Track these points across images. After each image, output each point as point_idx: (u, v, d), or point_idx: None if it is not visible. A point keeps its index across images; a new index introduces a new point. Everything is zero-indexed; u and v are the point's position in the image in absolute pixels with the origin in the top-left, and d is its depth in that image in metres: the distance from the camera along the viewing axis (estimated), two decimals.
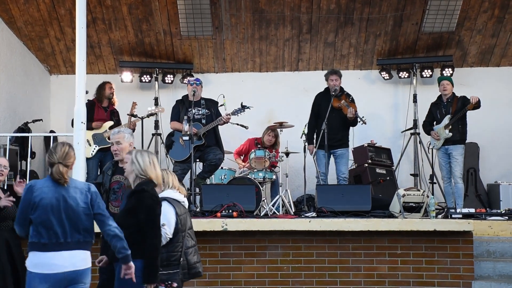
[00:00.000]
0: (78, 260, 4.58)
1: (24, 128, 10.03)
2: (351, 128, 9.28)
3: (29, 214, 4.55)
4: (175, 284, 5.12)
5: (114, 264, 4.90)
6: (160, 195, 5.27)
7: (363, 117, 8.86)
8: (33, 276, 4.52)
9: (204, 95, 8.86)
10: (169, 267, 5.11)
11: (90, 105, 9.23)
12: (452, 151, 8.93)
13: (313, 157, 9.11)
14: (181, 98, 9.01)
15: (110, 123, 9.23)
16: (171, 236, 5.14)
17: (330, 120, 8.82)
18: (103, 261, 4.96)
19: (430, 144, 9.49)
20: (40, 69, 11.25)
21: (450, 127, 8.87)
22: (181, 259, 5.24)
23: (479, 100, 8.74)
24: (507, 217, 8.27)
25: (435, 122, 9.21)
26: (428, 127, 9.29)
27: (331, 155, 9.10)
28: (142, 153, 5.08)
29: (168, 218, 5.13)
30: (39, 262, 4.52)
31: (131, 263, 4.64)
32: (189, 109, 8.52)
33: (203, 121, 8.60)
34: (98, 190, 5.01)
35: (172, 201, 5.27)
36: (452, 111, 8.95)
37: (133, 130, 9.06)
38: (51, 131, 10.70)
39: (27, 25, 10.30)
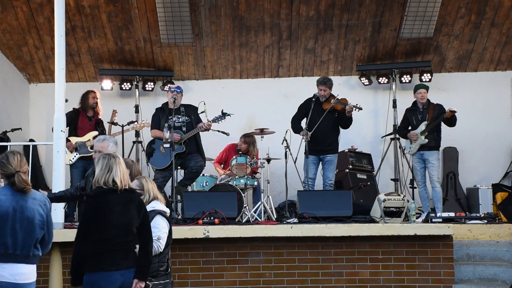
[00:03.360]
0: (20, 273, 4.47)
1: (3, 137, 9.96)
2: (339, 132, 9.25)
3: None
4: None
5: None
6: (150, 207, 5.29)
7: (357, 104, 8.86)
8: None
9: (185, 102, 8.85)
10: (160, 278, 5.17)
11: (75, 114, 9.19)
12: (428, 157, 9.03)
13: (296, 161, 9.07)
14: (161, 106, 9.01)
15: (95, 133, 9.15)
16: (162, 250, 5.19)
17: (321, 125, 8.84)
18: None
19: (405, 149, 9.58)
20: (19, 78, 11.17)
21: (427, 133, 8.96)
22: (169, 269, 5.30)
23: (454, 115, 8.86)
24: (486, 221, 8.35)
25: (410, 128, 9.28)
26: (403, 131, 9.37)
27: (320, 161, 9.11)
28: (100, 160, 4.97)
29: (163, 232, 5.20)
30: None
31: None
32: (170, 117, 8.52)
33: (184, 129, 8.60)
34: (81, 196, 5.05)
35: (165, 215, 5.33)
36: (429, 117, 9.04)
37: None
38: (31, 140, 10.64)
39: (5, 33, 10.24)
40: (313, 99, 9.04)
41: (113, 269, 4.73)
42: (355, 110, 8.85)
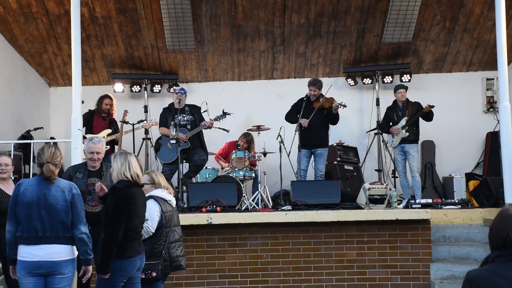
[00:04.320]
0: (55, 252, 4.54)
1: (27, 135, 9.98)
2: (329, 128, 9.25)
3: (15, 210, 4.57)
4: (154, 274, 5.11)
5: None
6: (149, 194, 5.27)
7: (342, 102, 8.87)
8: (17, 263, 4.58)
9: (189, 103, 8.87)
10: (151, 258, 5.10)
11: (90, 114, 9.22)
12: (409, 149, 9.06)
13: (289, 155, 9.10)
14: (167, 106, 9.02)
15: (108, 130, 9.18)
16: (153, 231, 5.15)
17: (312, 122, 8.87)
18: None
19: (387, 142, 9.62)
20: (40, 82, 11.18)
21: (407, 127, 8.99)
22: (163, 252, 5.23)
23: (431, 110, 8.88)
24: (460, 206, 8.40)
25: (391, 124, 9.31)
26: (386, 127, 9.40)
27: (311, 154, 9.12)
28: (117, 156, 4.97)
29: (151, 214, 5.13)
30: (20, 251, 4.56)
31: (90, 268, 4.70)
32: (176, 116, 8.53)
33: (188, 126, 8.62)
34: None
35: (158, 199, 5.25)
36: (409, 114, 9.08)
37: (116, 143, 9.09)
38: (51, 138, 10.64)
39: (28, 42, 10.24)
40: (305, 99, 9.05)
41: (135, 255, 4.78)
42: (340, 107, 8.87)
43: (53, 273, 4.54)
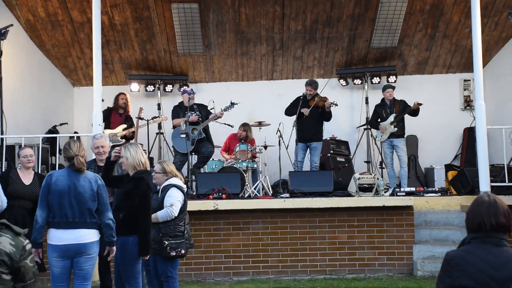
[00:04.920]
0: (81, 235, 4.57)
1: (53, 130, 10.01)
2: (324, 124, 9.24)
3: (47, 197, 4.59)
4: (183, 251, 5.21)
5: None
6: (169, 182, 5.31)
7: (334, 101, 8.87)
8: (48, 246, 4.61)
9: (197, 101, 8.86)
10: (177, 238, 5.19)
11: (108, 111, 9.23)
12: (397, 143, 9.05)
13: (286, 148, 9.09)
14: (178, 104, 9.02)
15: (123, 125, 9.21)
16: (176, 215, 5.20)
17: (307, 118, 8.85)
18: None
19: (376, 137, 9.62)
20: (65, 83, 11.18)
21: (395, 123, 8.99)
22: (185, 231, 5.31)
23: (419, 108, 8.87)
24: (440, 194, 8.41)
25: (379, 120, 9.30)
26: (375, 123, 9.38)
27: (307, 147, 9.11)
28: (128, 147, 4.99)
29: (175, 201, 5.20)
30: (51, 236, 4.60)
31: (114, 248, 4.75)
32: (186, 112, 8.54)
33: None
34: None
35: (180, 188, 5.34)
36: (396, 111, 9.07)
37: (132, 137, 9.04)
38: (75, 132, 10.65)
39: (54, 47, 10.24)
40: (301, 97, 9.05)
41: None
42: (333, 106, 8.87)
43: (80, 254, 4.58)
